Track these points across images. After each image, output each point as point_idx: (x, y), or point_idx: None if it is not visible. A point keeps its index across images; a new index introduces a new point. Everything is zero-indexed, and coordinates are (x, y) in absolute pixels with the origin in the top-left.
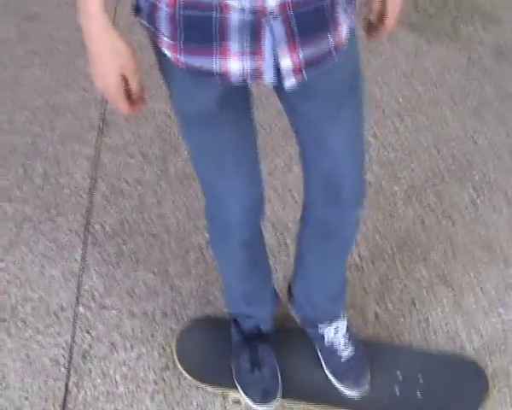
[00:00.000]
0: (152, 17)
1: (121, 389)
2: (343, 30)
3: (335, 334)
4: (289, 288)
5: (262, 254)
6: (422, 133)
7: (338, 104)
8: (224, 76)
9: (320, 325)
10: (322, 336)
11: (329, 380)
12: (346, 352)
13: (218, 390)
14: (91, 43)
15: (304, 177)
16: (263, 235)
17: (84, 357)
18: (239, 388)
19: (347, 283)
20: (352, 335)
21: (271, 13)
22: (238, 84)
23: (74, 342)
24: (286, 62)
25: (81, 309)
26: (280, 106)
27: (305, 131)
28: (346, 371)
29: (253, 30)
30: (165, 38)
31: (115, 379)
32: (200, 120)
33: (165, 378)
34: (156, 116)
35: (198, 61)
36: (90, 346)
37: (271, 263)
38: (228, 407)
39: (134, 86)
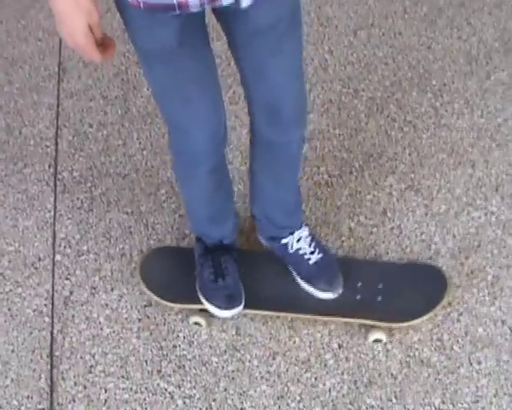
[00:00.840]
0: None
1: (106, 330)
2: None
3: (298, 241)
4: (251, 212)
5: (226, 178)
6: (377, 46)
7: (279, 38)
8: (183, 7)
9: (283, 239)
10: (286, 246)
11: (302, 289)
12: (313, 255)
13: (179, 306)
14: (55, 3)
15: (246, 100)
16: (226, 160)
17: (65, 304)
18: (203, 299)
19: (312, 198)
20: (317, 242)
21: None
22: (196, 10)
23: (55, 290)
24: None
25: (58, 257)
26: None
27: (246, 62)
28: (317, 273)
29: None
30: None
31: (99, 322)
32: (161, 56)
33: (149, 315)
34: (113, 58)
35: None
36: (71, 292)
37: (242, 188)
38: (214, 335)
39: (98, 34)
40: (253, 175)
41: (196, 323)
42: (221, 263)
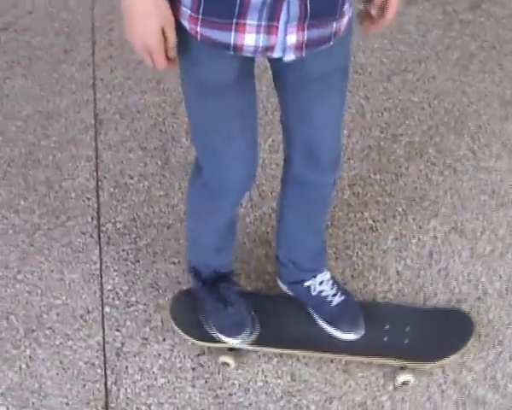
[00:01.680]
0: None
1: (161, 380)
2: (345, 20)
3: (321, 284)
4: (276, 256)
5: (236, 223)
6: (412, 91)
7: (329, 88)
8: (237, 49)
9: (305, 282)
10: (309, 288)
11: (324, 331)
12: (335, 298)
13: (207, 345)
14: (133, 6)
15: (284, 138)
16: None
17: (118, 355)
18: (214, 331)
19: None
20: (339, 285)
21: None
22: (249, 55)
23: (106, 342)
24: (291, 39)
25: (107, 309)
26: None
27: (291, 104)
28: (339, 315)
29: (273, 8)
30: (184, 9)
31: (153, 372)
32: (216, 89)
33: (203, 363)
34: (149, 109)
35: (216, 34)
36: (123, 343)
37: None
38: (269, 382)
39: (172, 40)
40: (282, 216)
41: (224, 363)
42: (222, 292)
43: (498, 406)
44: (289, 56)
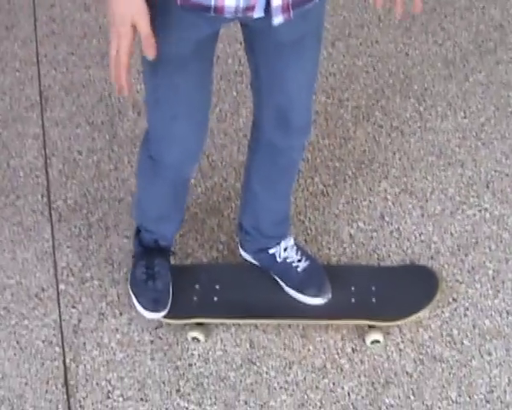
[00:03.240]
0: None
1: (120, 355)
2: None
3: (285, 250)
4: (239, 225)
5: (185, 195)
6: (356, 55)
7: (301, 52)
8: (218, 11)
9: (270, 249)
10: (274, 256)
11: (291, 297)
12: (301, 263)
13: (176, 322)
14: None
15: (254, 103)
16: (191, 174)
17: (75, 332)
18: (132, 295)
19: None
20: (303, 250)
21: None
22: (229, 17)
23: (62, 319)
24: (277, 0)
25: (62, 286)
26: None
27: (264, 70)
28: (306, 280)
29: None
30: None
31: (111, 347)
32: (170, 62)
33: (161, 336)
34: (95, 83)
35: None
36: (80, 320)
37: (238, 204)
38: (228, 351)
39: (143, 30)
40: (249, 182)
41: (194, 338)
42: (154, 265)
43: (455, 362)
44: (278, 19)
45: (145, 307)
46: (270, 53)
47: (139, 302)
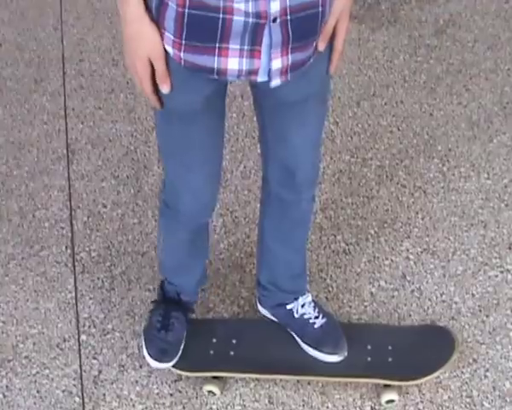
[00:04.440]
0: (158, 13)
1: (139, 407)
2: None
3: (303, 307)
4: (257, 281)
5: (204, 243)
6: (381, 115)
7: (306, 112)
8: (221, 73)
9: (287, 305)
10: (291, 311)
11: (307, 354)
12: (318, 320)
13: (192, 375)
14: (125, 25)
15: (262, 158)
16: (208, 227)
17: (95, 383)
18: (142, 340)
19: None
20: (320, 307)
21: (274, 18)
22: (232, 79)
23: (83, 370)
24: (276, 64)
25: (84, 337)
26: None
27: (269, 127)
28: (322, 337)
29: (254, 32)
30: (168, 35)
31: (131, 399)
32: (182, 117)
33: (181, 389)
34: (121, 138)
35: (199, 59)
36: (100, 371)
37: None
38: (247, 406)
39: (160, 69)
40: (263, 237)
41: (210, 391)
42: (170, 317)
43: None
44: (276, 81)
45: (150, 355)
46: (275, 111)
47: (146, 348)
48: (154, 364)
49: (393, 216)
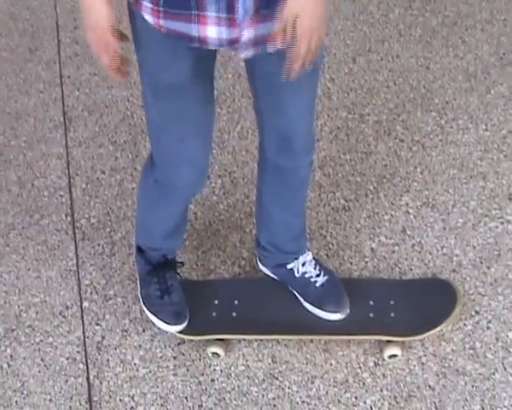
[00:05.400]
0: None
1: (142, 371)
2: None
3: (303, 265)
4: (257, 241)
5: (189, 203)
6: (377, 70)
7: (299, 82)
8: (202, 42)
9: (288, 264)
10: (292, 271)
11: (309, 312)
12: (319, 278)
13: (196, 338)
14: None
15: (258, 127)
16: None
17: (98, 349)
18: (151, 315)
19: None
20: (321, 264)
21: None
22: (214, 48)
23: (86, 336)
24: (248, 34)
25: (86, 304)
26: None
27: (263, 95)
28: (324, 295)
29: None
30: (146, 4)
31: (134, 363)
32: (171, 90)
33: (184, 352)
34: (117, 103)
35: (179, 26)
36: (103, 337)
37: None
38: (250, 366)
39: (109, 42)
40: (261, 201)
41: (214, 353)
42: (166, 280)
43: (478, 375)
44: (248, 52)
45: (168, 322)
46: (267, 80)
47: (160, 319)
48: (174, 328)
49: (392, 171)
